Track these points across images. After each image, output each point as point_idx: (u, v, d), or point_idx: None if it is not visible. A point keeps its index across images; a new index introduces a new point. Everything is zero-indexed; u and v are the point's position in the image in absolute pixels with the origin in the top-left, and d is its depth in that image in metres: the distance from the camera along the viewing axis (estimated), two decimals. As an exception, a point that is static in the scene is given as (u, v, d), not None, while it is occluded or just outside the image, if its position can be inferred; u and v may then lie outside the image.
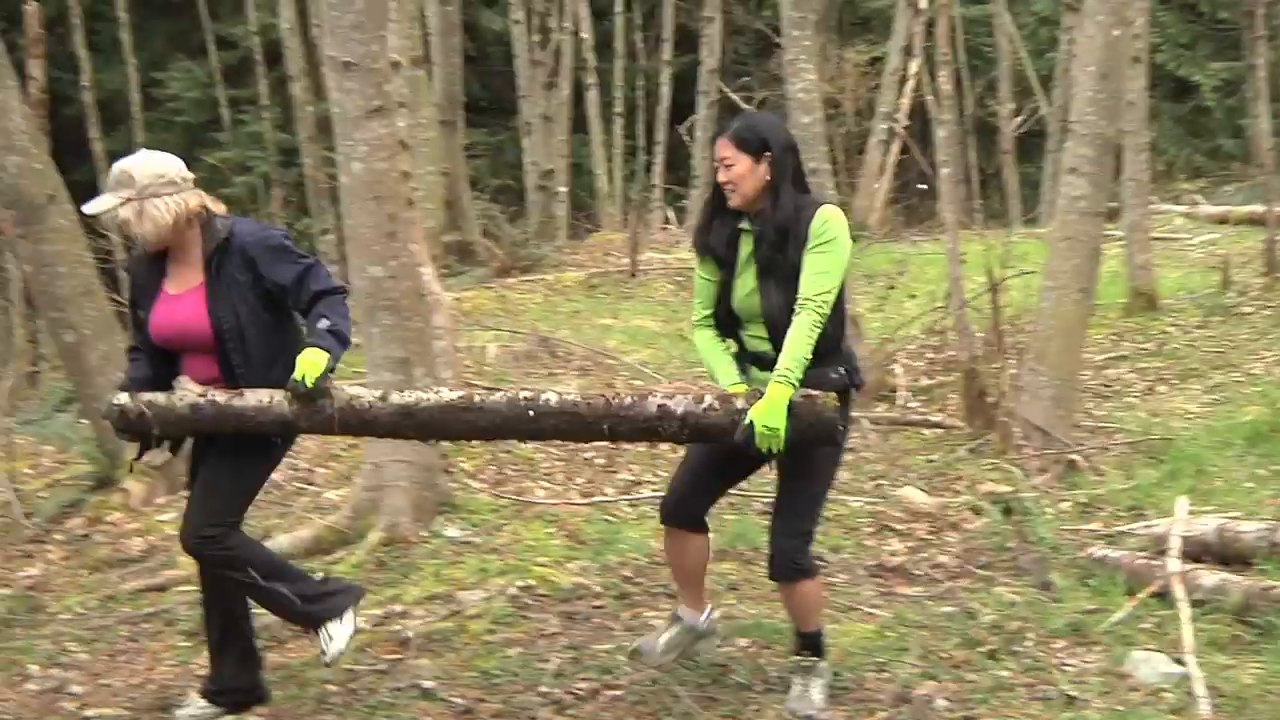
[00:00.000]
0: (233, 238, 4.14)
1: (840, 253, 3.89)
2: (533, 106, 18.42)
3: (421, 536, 5.85)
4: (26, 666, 5.13)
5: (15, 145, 6.61)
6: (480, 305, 12.33)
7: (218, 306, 4.11)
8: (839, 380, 3.95)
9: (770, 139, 3.96)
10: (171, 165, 4.17)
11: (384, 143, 5.91)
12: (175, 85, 22.72)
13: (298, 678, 4.62)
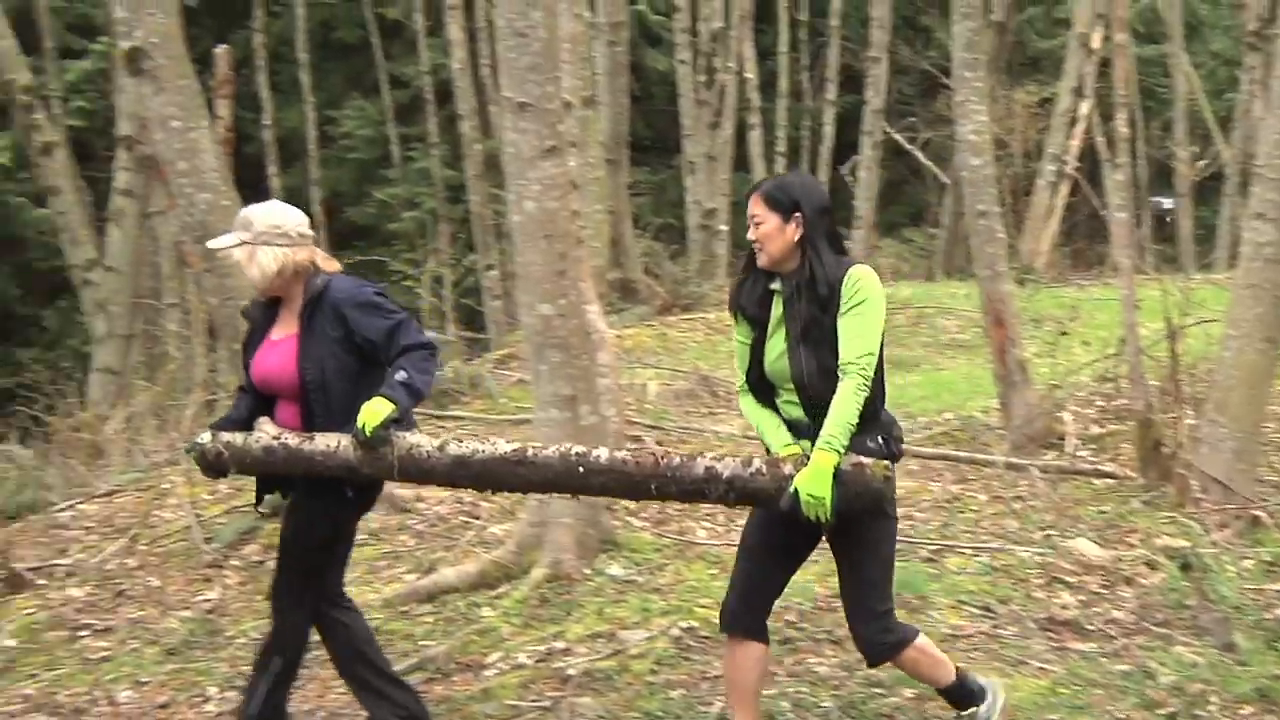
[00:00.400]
0: (326, 292, 4.31)
1: (874, 313, 3.78)
2: (696, 146, 18.50)
3: (584, 574, 5.88)
4: (206, 688, 5.28)
5: (206, 183, 6.85)
6: (641, 343, 12.39)
7: (306, 358, 4.29)
8: (876, 450, 3.81)
9: (801, 199, 3.87)
10: (290, 218, 4.39)
11: (556, 182, 5.98)
12: (349, 123, 23.39)
13: (461, 711, 4.66)
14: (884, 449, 3.83)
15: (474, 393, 10.50)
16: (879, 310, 3.78)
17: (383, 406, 4.07)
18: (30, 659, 5.93)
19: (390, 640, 5.57)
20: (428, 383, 4.25)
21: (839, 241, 3.95)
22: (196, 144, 6.92)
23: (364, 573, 6.47)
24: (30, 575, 7.03)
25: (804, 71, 24.70)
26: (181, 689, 5.36)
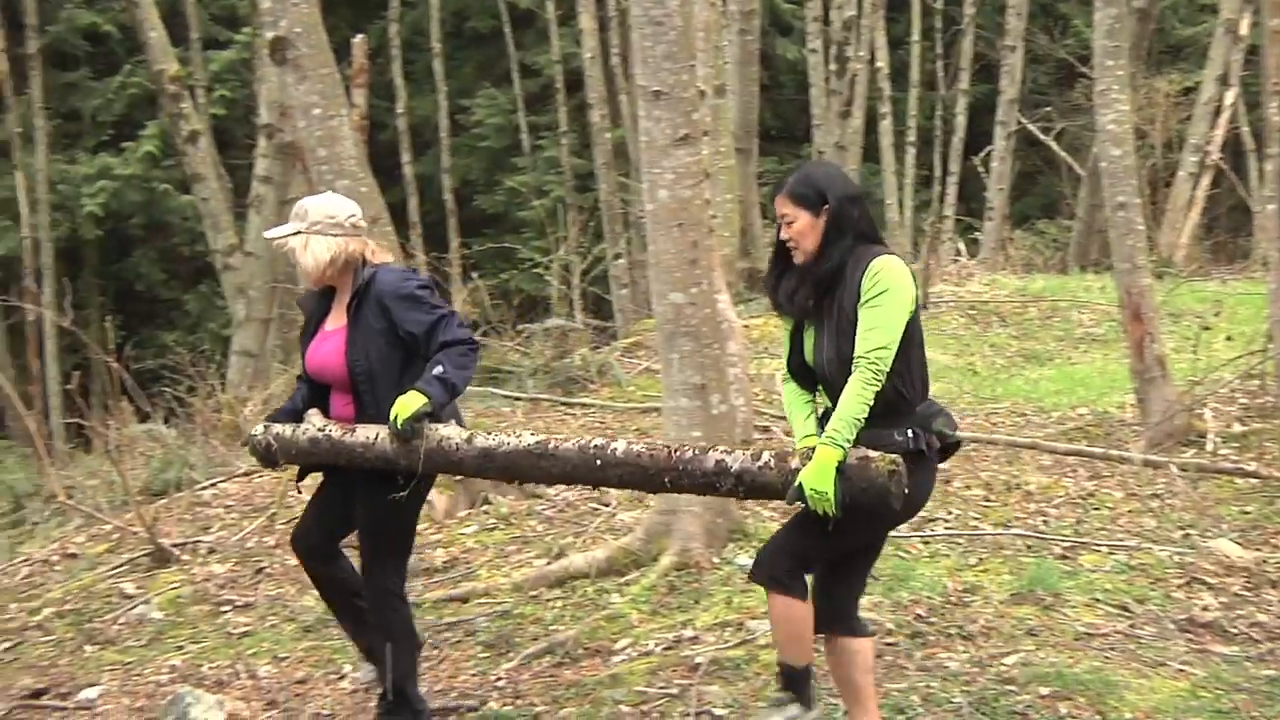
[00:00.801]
0: (372, 284, 4.38)
1: (892, 305, 3.66)
2: (826, 135, 18.36)
3: (713, 563, 5.88)
4: (341, 665, 5.40)
5: (344, 170, 6.99)
6: (769, 333, 12.32)
7: (354, 349, 4.38)
8: (901, 443, 3.69)
9: (827, 190, 3.80)
10: (343, 210, 4.50)
11: (689, 170, 5.98)
12: (480, 111, 23.67)
13: (592, 696, 4.70)
14: (910, 443, 3.71)
15: (602, 380, 10.56)
16: (899, 303, 3.67)
17: (415, 400, 4.15)
18: (176, 631, 6.13)
19: (520, 624, 5.64)
20: (465, 378, 4.33)
21: (872, 228, 3.87)
22: (336, 131, 7.06)
23: (494, 556, 6.56)
24: (175, 550, 7.25)
25: (937, 60, 24.36)
26: (318, 665, 5.49)
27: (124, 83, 22.31)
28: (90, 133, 22.67)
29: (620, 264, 17.63)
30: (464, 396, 4.64)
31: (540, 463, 4.12)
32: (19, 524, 9.30)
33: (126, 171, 21.16)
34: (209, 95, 21.47)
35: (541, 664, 5.18)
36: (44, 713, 5.32)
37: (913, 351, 3.75)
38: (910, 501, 3.74)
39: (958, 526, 6.61)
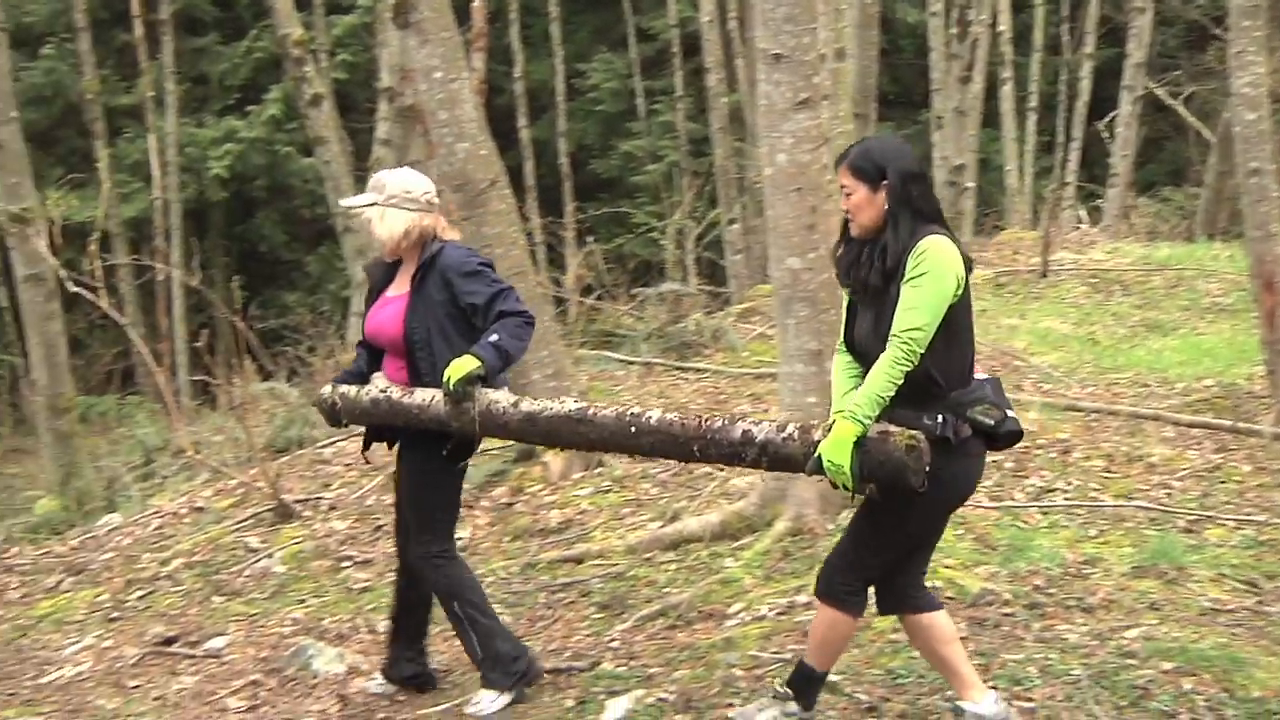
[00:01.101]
0: (438, 258, 4.57)
1: (933, 287, 3.61)
2: (946, 100, 18.07)
3: (827, 529, 5.85)
4: (458, 623, 5.48)
5: (465, 133, 7.04)
6: (884, 299, 12.24)
7: (413, 317, 4.57)
8: (929, 428, 3.62)
9: (888, 166, 3.75)
10: (418, 184, 4.67)
11: (809, 135, 5.94)
12: (596, 76, 23.69)
13: (706, 659, 4.72)
14: (940, 429, 3.65)
15: (716, 345, 10.55)
16: (939, 285, 3.61)
17: (468, 362, 4.32)
18: (298, 585, 6.29)
19: (633, 586, 5.69)
20: (519, 348, 4.49)
21: (931, 207, 3.80)
22: (457, 94, 7.12)
23: (608, 519, 6.61)
24: (297, 506, 7.43)
25: (1062, 23, 23.81)
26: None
27: (250, 47, 22.76)
28: (217, 97, 23.17)
29: (735, 229, 17.56)
30: (578, 360, 4.75)
31: (579, 428, 4.21)
32: (149, 477, 9.60)
33: (251, 135, 21.61)
34: (331, 59, 21.81)
35: (655, 626, 5.21)
36: (174, 659, 5.51)
37: (956, 336, 3.71)
38: (955, 489, 3.77)
39: (1077, 497, 6.50)
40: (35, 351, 10.97)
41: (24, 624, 6.38)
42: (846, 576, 3.90)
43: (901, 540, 3.88)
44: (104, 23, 22.61)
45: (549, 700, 4.59)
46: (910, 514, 3.77)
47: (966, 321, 3.77)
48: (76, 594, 6.76)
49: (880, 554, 3.88)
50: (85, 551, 7.60)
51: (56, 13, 22.03)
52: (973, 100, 18.36)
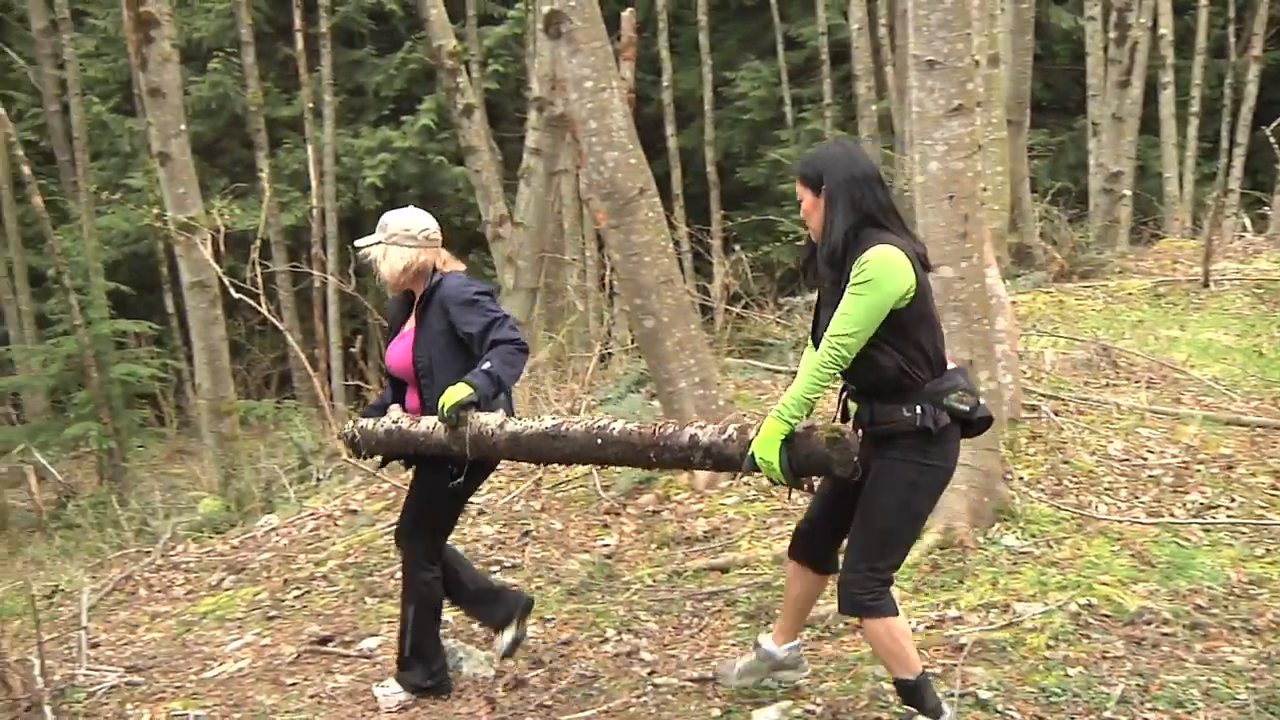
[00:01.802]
0: (437, 289, 4.88)
1: (870, 299, 3.79)
2: (1102, 106, 17.61)
3: (978, 543, 5.76)
4: (605, 629, 5.52)
5: (615, 141, 7.09)
6: (1037, 309, 11.96)
7: (419, 348, 4.91)
8: (909, 419, 3.87)
9: (825, 173, 3.95)
10: (417, 223, 4.97)
11: (962, 142, 5.86)
12: (743, 84, 23.64)
13: (853, 671, 4.67)
14: (921, 419, 3.86)
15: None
16: (878, 296, 3.79)
17: (461, 390, 4.63)
18: (447, 588, 6.36)
19: (779, 596, 5.64)
20: (511, 375, 4.77)
21: (882, 214, 3.94)
22: (607, 104, 7.17)
23: (754, 528, 6.59)
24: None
25: (1227, 25, 23.06)
26: (582, 628, 5.63)
27: (404, 59, 23.24)
28: (372, 107, 23.69)
29: (884, 237, 17.35)
30: (725, 368, 4.81)
31: (555, 444, 4.51)
32: (305, 479, 9.83)
33: (404, 144, 22.06)
34: (482, 70, 22.17)
35: (801, 637, 5.17)
36: (330, 658, 5.63)
37: (918, 333, 3.90)
38: (939, 477, 3.99)
39: (1241, 515, 6.28)
40: (199, 356, 11.33)
41: (189, 620, 6.58)
42: (868, 586, 4.03)
43: (908, 531, 4.07)
44: (267, 37, 23.32)
45: (695, 709, 4.59)
46: (911, 509, 4.00)
47: (927, 319, 3.96)
48: (237, 592, 6.96)
49: (892, 554, 4.06)
50: (245, 551, 7.82)
51: (223, 28, 22.78)
52: (1131, 106, 17.87)
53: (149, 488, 12.67)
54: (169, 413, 18.40)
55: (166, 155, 10.85)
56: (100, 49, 23.80)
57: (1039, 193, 16.66)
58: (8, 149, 19.07)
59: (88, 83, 22.18)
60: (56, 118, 22.76)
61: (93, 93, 22.65)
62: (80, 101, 20.30)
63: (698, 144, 23.78)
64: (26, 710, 5.09)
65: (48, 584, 7.97)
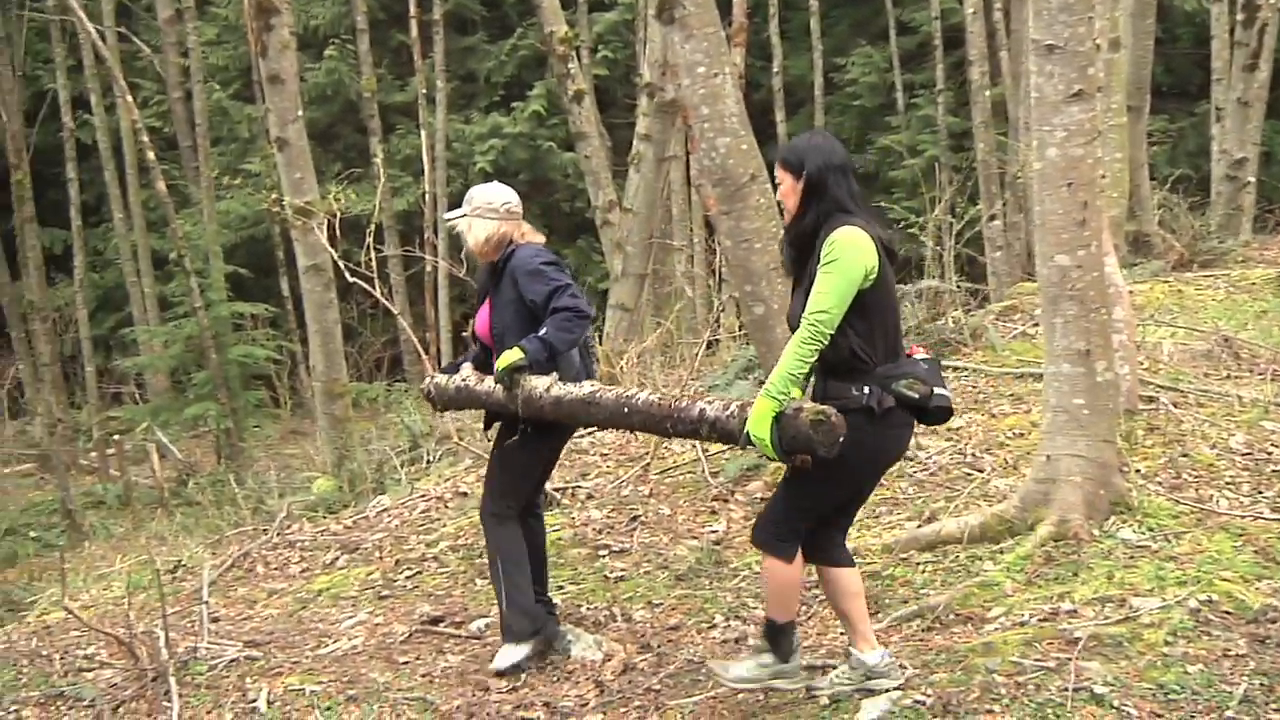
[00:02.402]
0: (509, 260, 5.26)
1: (839, 274, 4.03)
2: (1227, 90, 17.15)
3: (1093, 535, 5.66)
4: (713, 615, 5.53)
5: (727, 127, 7.07)
6: (1155, 299, 11.70)
7: (494, 315, 5.32)
8: (857, 398, 4.11)
9: (805, 158, 4.22)
10: (499, 196, 5.35)
11: (1081, 128, 5.75)
12: (854, 70, 23.45)
13: (964, 663, 4.62)
14: (866, 399, 4.10)
15: (975, 344, 10.30)
16: (846, 271, 4.03)
17: (513, 354, 5.01)
18: (558, 572, 6.43)
19: (889, 586, 5.62)
20: (565, 340, 5.06)
21: (850, 202, 4.20)
22: (719, 89, 7.15)
23: (864, 517, 6.53)
24: (556, 494, 7.60)
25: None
26: (690, 614, 5.64)
27: (515, 45, 23.43)
28: (483, 93, 23.92)
29: (995, 225, 17.09)
30: None
31: (589, 409, 4.89)
32: (416, 461, 9.97)
33: (514, 130, 22.26)
34: (593, 56, 22.24)
35: (911, 627, 5.14)
36: (440, 638, 5.72)
37: (875, 317, 4.14)
38: (876, 454, 4.28)
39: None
40: (313, 339, 11.54)
41: (304, 597, 6.72)
42: (777, 528, 4.34)
43: (828, 500, 4.36)
44: (381, 24, 23.65)
45: (803, 698, 4.57)
46: (835, 477, 4.22)
47: (886, 303, 4.19)
48: (350, 571, 7.09)
49: (807, 512, 4.34)
50: (358, 531, 7.96)
51: (339, 16, 23.16)
52: (1258, 90, 17.36)
53: (264, 467, 12.96)
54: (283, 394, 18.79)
55: (284, 141, 11.05)
56: (221, 37, 24.33)
57: (1157, 180, 16.29)
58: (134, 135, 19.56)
59: (209, 70, 22.67)
60: (179, 104, 23.33)
61: (214, 80, 23.14)
62: (202, 88, 20.75)
63: (808, 129, 23.63)
64: (152, 680, 5.25)
65: (170, 559, 8.19)
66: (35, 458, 17.99)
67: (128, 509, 13.30)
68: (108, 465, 15.75)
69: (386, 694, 5.06)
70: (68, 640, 6.40)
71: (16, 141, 15.80)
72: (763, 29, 22.21)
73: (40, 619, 7.27)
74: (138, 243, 22.82)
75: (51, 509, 13.61)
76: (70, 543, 11.45)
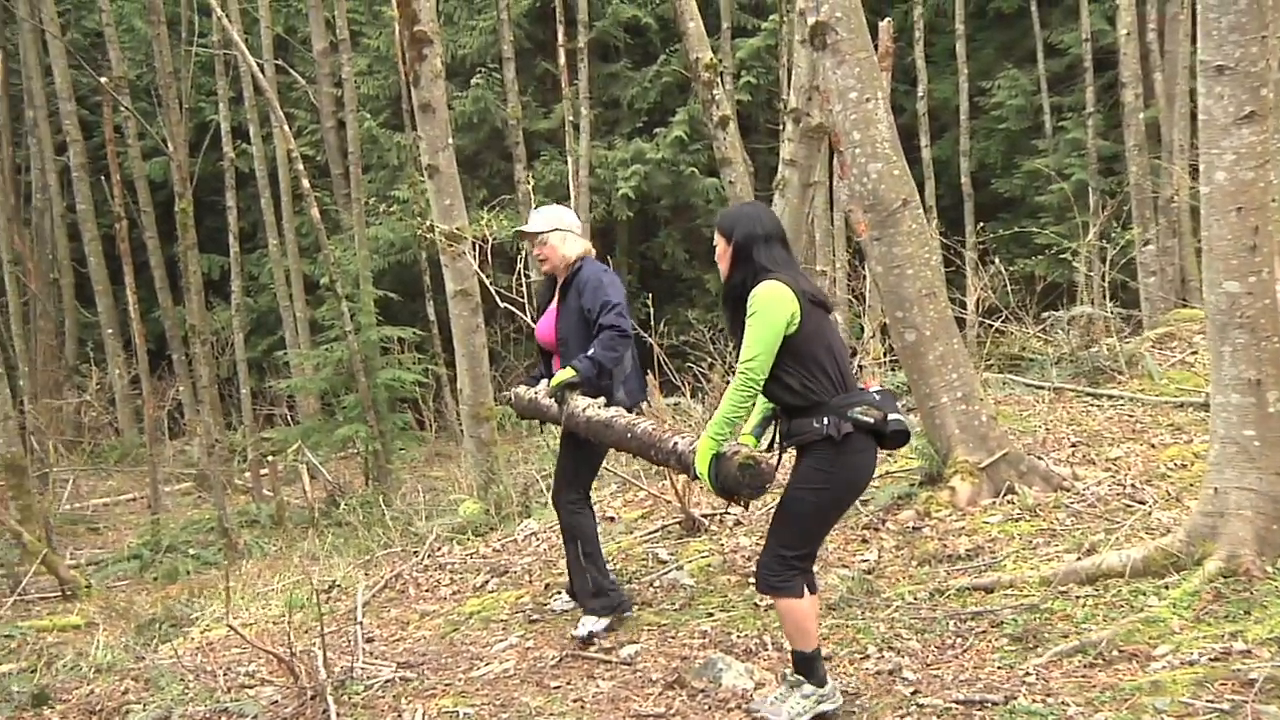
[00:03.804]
0: (577, 274, 5.89)
1: (762, 324, 4.50)
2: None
3: (1266, 572, 5.44)
4: (865, 645, 5.45)
5: (878, 153, 7.02)
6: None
7: (560, 321, 5.92)
8: (818, 430, 4.51)
9: (734, 227, 4.72)
10: (575, 218, 6.11)
11: (1252, 151, 5.56)
12: (1000, 93, 23.10)
13: (1131, 702, 4.48)
14: (827, 429, 4.49)
15: (1131, 372, 10.05)
16: (768, 322, 4.49)
17: (567, 372, 5.72)
18: (707, 598, 6.41)
19: (1047, 620, 5.48)
20: (611, 358, 5.70)
21: (773, 264, 4.63)
22: (871, 115, 7.11)
23: (1019, 548, 6.40)
24: (704, 520, 7.59)
25: None
26: (842, 643, 5.56)
27: (659, 72, 23.56)
28: (626, 119, 24.08)
29: (1149, 250, 16.68)
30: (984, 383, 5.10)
31: (605, 431, 5.48)
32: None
33: (657, 156, 22.36)
34: (735, 82, 22.27)
35: (1072, 663, 5.00)
36: (591, 663, 5.72)
37: (811, 358, 4.56)
38: (847, 480, 4.61)
39: None
40: (461, 363, 11.69)
41: (455, 619, 6.79)
42: (777, 572, 4.65)
43: (815, 531, 4.74)
44: (527, 52, 24.00)
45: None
46: (816, 509, 4.63)
47: (820, 344, 4.59)
48: (500, 594, 7.15)
49: (799, 548, 4.67)
50: (506, 554, 8.03)
51: (486, 45, 23.56)
52: None
53: (411, 489, 13.16)
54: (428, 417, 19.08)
55: (434, 168, 11.24)
56: (372, 67, 24.91)
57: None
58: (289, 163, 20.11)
59: (360, 99, 23.22)
60: (331, 133, 23.95)
61: (365, 109, 23.70)
62: (355, 117, 21.26)
63: (952, 155, 23.34)
64: (311, 698, 5.35)
65: (324, 579, 8.35)
66: (193, 477, 18.55)
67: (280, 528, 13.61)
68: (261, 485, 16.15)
69: (539, 718, 5.08)
70: (229, 657, 6.57)
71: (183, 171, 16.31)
72: (907, 53, 22.01)
73: (204, 634, 7.47)
74: (290, 268, 23.44)
75: (209, 527, 13.99)
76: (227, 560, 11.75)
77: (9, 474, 12.67)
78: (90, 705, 5.98)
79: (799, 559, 4.67)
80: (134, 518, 16.65)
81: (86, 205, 23.72)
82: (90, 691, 6.24)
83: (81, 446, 21.93)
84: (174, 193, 17.37)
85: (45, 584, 11.37)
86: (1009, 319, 12.62)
